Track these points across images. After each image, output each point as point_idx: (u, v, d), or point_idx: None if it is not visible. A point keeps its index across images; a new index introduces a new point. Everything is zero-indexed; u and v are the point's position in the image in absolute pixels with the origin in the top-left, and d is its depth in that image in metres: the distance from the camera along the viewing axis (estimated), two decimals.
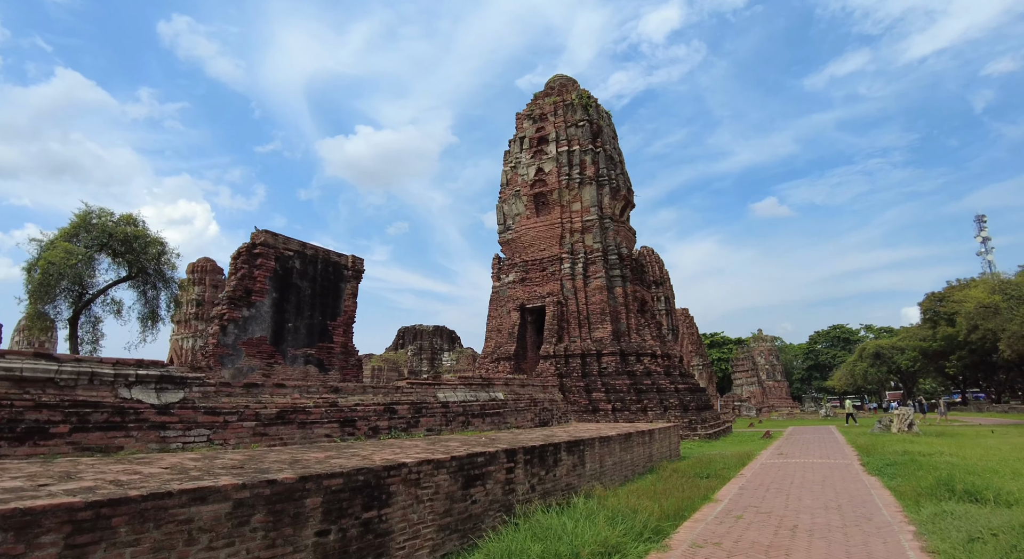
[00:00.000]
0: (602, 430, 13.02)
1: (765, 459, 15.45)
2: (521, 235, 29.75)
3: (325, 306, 17.84)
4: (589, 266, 27.67)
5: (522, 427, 13.96)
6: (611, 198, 29.43)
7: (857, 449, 17.08)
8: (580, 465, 9.92)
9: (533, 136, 31.04)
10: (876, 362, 71.09)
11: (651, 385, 24.53)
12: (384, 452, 7.30)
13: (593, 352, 25.51)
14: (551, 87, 33.13)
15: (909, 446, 17.49)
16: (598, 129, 31.01)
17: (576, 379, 24.61)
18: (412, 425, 10.88)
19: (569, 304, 26.98)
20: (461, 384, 12.78)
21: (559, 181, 29.08)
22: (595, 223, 28.31)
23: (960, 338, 57.76)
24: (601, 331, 26.27)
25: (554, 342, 25.90)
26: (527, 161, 30.50)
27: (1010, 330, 32.55)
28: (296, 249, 16.88)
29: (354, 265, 19.44)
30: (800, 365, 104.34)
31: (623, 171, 31.73)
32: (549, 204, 29.48)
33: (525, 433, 11.95)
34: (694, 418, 23.80)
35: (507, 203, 30.76)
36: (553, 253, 28.33)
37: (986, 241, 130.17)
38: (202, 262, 55.51)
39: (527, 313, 28.50)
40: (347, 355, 18.83)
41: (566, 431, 12.61)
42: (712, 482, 11.25)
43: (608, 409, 23.42)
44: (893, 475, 11.12)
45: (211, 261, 55.68)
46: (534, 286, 28.24)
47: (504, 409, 13.53)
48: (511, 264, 29.59)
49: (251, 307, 15.44)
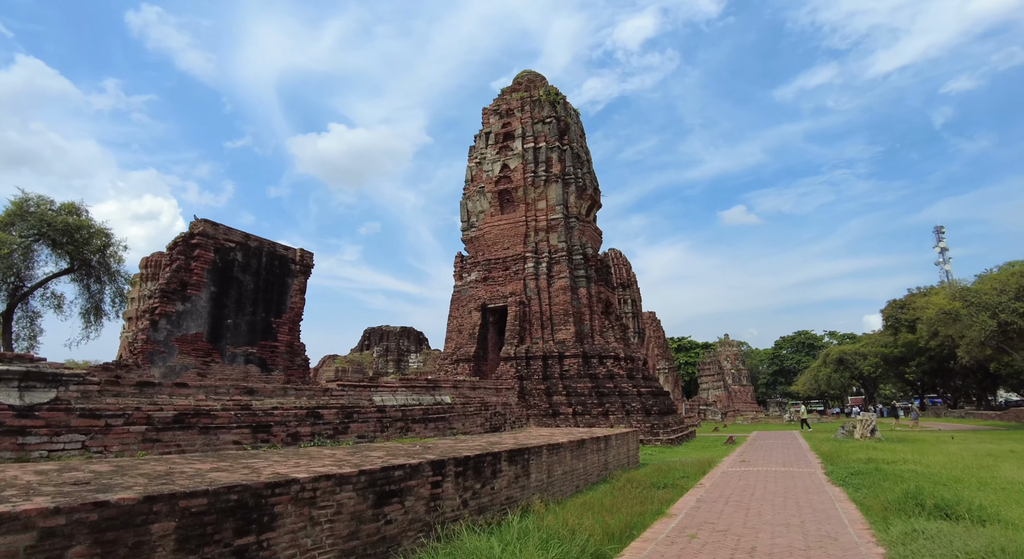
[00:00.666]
0: (554, 436, 12.16)
1: (726, 467, 14.78)
2: (485, 233, 28.82)
3: (269, 302, 16.69)
4: (553, 266, 26.88)
5: (471, 433, 13.02)
6: (577, 197, 28.71)
7: (821, 456, 16.57)
8: (524, 476, 9.01)
9: (499, 132, 30.18)
10: (839, 367, 72.01)
11: (613, 388, 23.81)
12: (287, 463, 6.28)
13: (555, 354, 24.70)
14: (519, 82, 32.33)
15: (873, 453, 17.04)
16: (565, 126, 30.30)
17: (537, 382, 23.76)
18: (340, 432, 9.85)
19: (532, 304, 26.14)
20: (402, 387, 11.78)
21: (525, 178, 28.26)
22: (560, 222, 27.54)
23: (921, 345, 58.78)
24: (564, 333, 25.49)
25: (515, 343, 25.02)
26: (492, 157, 29.61)
27: (969, 336, 32.81)
28: (238, 240, 15.72)
29: (302, 259, 18.31)
30: (766, 370, 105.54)
31: (590, 170, 31.07)
32: (514, 202, 28.63)
33: (471, 440, 11.02)
34: (656, 422, 23.16)
35: (471, 200, 29.81)
36: (517, 252, 27.47)
37: (944, 252, 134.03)
38: (156, 256, 53.06)
39: (489, 313, 27.56)
40: (293, 355, 17.66)
41: (515, 438, 11.72)
42: (668, 493, 10.46)
43: (569, 413, 22.61)
44: (858, 486, 10.48)
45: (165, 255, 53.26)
46: (497, 285, 27.33)
47: (450, 414, 12.56)
48: (474, 263, 28.65)
49: (186, 301, 14.20)
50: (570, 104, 32.24)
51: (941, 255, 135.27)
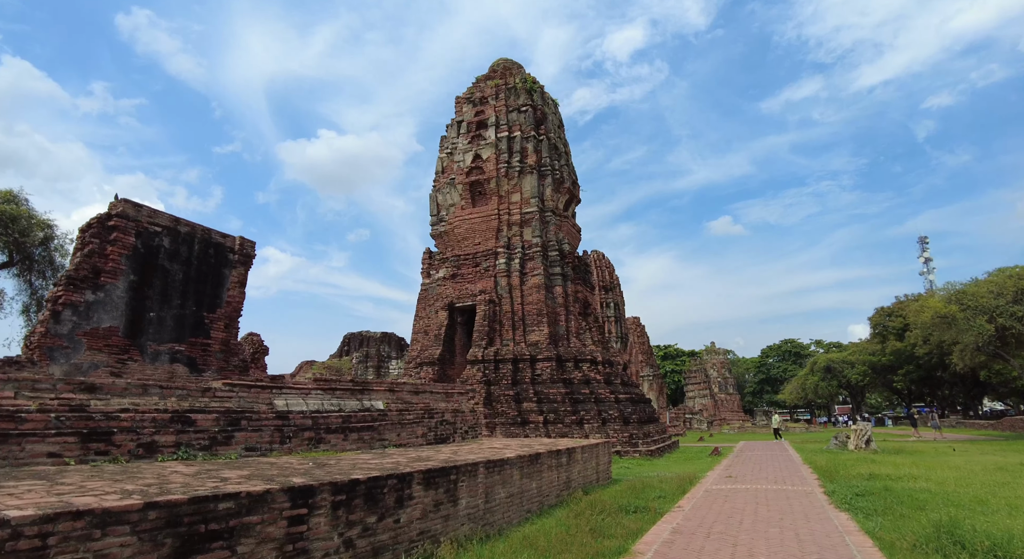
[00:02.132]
0: (507, 449, 10.15)
1: (711, 484, 12.85)
2: (455, 227, 26.84)
3: (202, 295, 14.59)
4: (527, 262, 24.94)
5: (407, 445, 10.97)
6: (554, 190, 26.84)
7: (816, 471, 14.69)
8: (449, 502, 7.00)
9: (472, 120, 28.29)
10: (827, 376, 70.67)
11: (589, 395, 21.84)
12: (42, 490, 4.23)
13: (527, 357, 22.69)
14: (494, 70, 30.50)
15: (874, 467, 15.21)
16: (542, 116, 28.48)
17: (505, 387, 21.72)
18: (220, 442, 7.79)
19: (503, 303, 24.15)
20: (317, 389, 9.73)
21: (498, 169, 26.35)
22: (535, 216, 25.64)
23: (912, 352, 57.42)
24: (537, 334, 23.51)
25: (483, 345, 22.98)
26: (464, 147, 27.69)
27: (964, 342, 31.26)
28: (166, 225, 13.66)
29: (242, 248, 16.24)
30: (752, 378, 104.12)
31: (569, 163, 29.24)
32: (486, 194, 26.70)
33: (400, 454, 8.98)
34: (636, 432, 21.20)
35: (441, 192, 27.84)
36: (488, 247, 25.50)
37: (928, 262, 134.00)
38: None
39: (457, 313, 25.52)
40: (229, 354, 15.53)
41: (457, 450, 9.71)
42: (638, 521, 8.49)
43: (539, 421, 20.59)
44: (869, 511, 8.57)
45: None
46: (466, 283, 25.32)
47: (382, 422, 10.52)
48: (442, 259, 26.64)
49: (99, 290, 12.09)
50: (548, 94, 30.45)
51: (925, 265, 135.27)
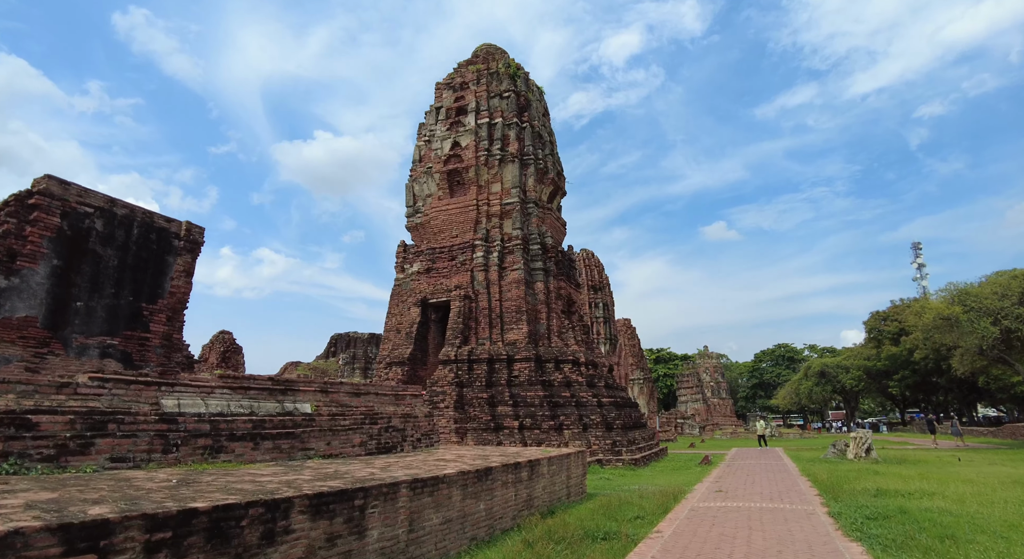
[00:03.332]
0: (449, 464, 8.55)
1: (697, 500, 11.27)
2: (431, 218, 25.23)
3: (140, 284, 12.90)
4: (506, 256, 23.34)
5: (341, 455, 9.33)
6: (537, 180, 25.28)
7: (816, 485, 13.13)
8: (353, 535, 5.38)
9: (451, 106, 26.70)
10: (821, 381, 69.37)
11: (570, 398, 20.24)
12: None
13: (503, 357, 21.07)
14: (476, 55, 28.94)
15: (879, 481, 13.67)
16: (526, 102, 26.94)
17: (479, 389, 20.09)
18: (74, 452, 6.14)
19: (480, 300, 22.53)
20: (222, 387, 8.11)
21: (477, 157, 24.77)
22: (516, 207, 24.06)
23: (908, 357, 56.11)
24: (515, 333, 21.90)
25: (457, 344, 21.34)
26: (442, 134, 26.10)
27: (966, 344, 29.85)
28: (99, 205, 11.97)
29: (189, 234, 14.55)
30: (745, 383, 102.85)
31: (554, 152, 27.70)
32: (465, 184, 25.10)
33: (319, 467, 7.36)
34: (619, 439, 19.60)
35: (417, 182, 26.23)
36: (466, 240, 23.90)
37: (921, 267, 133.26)
38: None
39: (430, 310, 23.88)
40: (171, 349, 13.81)
41: (395, 462, 8.10)
42: (604, 553, 6.89)
43: (515, 427, 18.97)
44: (887, 543, 7.00)
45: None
46: (441, 278, 23.69)
47: (307, 428, 8.88)
48: (416, 252, 25.01)
49: (14, 276, 10.36)
50: (533, 81, 28.92)
51: (919, 271, 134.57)
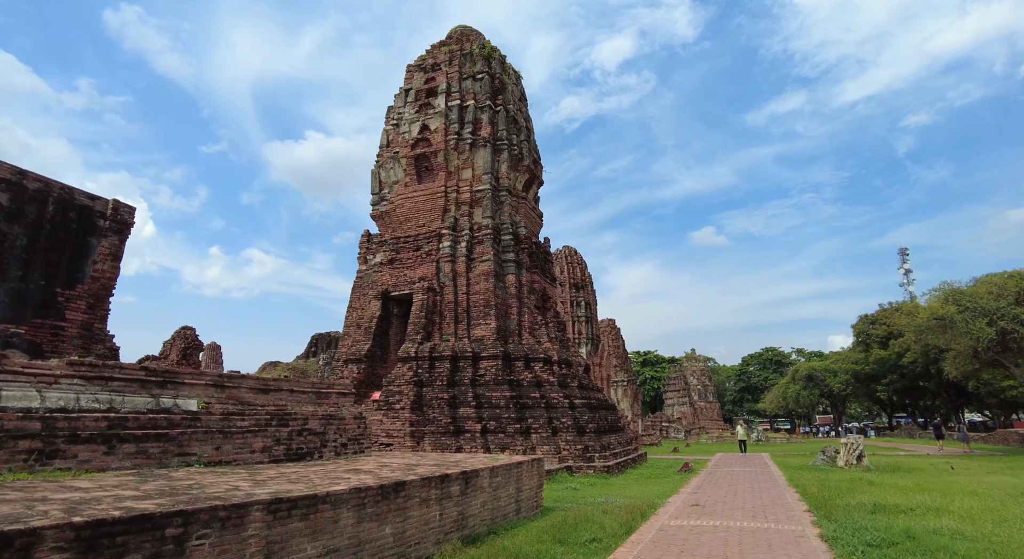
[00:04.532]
0: (355, 476, 6.91)
1: (669, 517, 9.69)
2: (396, 206, 23.56)
3: (55, 267, 11.25)
4: (475, 246, 21.73)
5: (235, 462, 7.66)
6: (511, 167, 23.70)
7: (806, 498, 11.60)
8: None
9: (421, 88, 25.08)
10: (809, 384, 68.25)
11: (539, 399, 18.63)
12: None
13: (469, 354, 19.43)
14: (450, 37, 27.35)
15: (876, 493, 12.18)
16: (501, 85, 25.38)
17: (439, 389, 18.42)
18: None
19: (446, 293, 20.88)
20: (70, 376, 6.41)
21: (447, 141, 23.15)
22: (488, 194, 22.46)
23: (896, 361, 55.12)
24: (483, 328, 20.27)
25: (418, 341, 19.68)
26: (411, 116, 24.47)
27: (960, 346, 28.57)
28: (4, 177, 10.34)
29: (116, 214, 12.87)
30: (732, 387, 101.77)
31: (530, 140, 26.16)
32: (433, 170, 23.48)
33: (188, 477, 5.70)
34: (592, 444, 18.01)
35: (384, 168, 24.58)
36: (432, 229, 22.26)
37: (908, 273, 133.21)
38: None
39: (393, 303, 22.20)
40: (92, 341, 12.09)
41: (285, 472, 6.46)
42: None
43: (477, 430, 17.31)
44: None
45: None
46: (404, 269, 22.02)
47: (190, 429, 7.20)
48: (380, 242, 23.33)
49: None
50: (510, 65, 27.39)
51: (905, 276, 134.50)
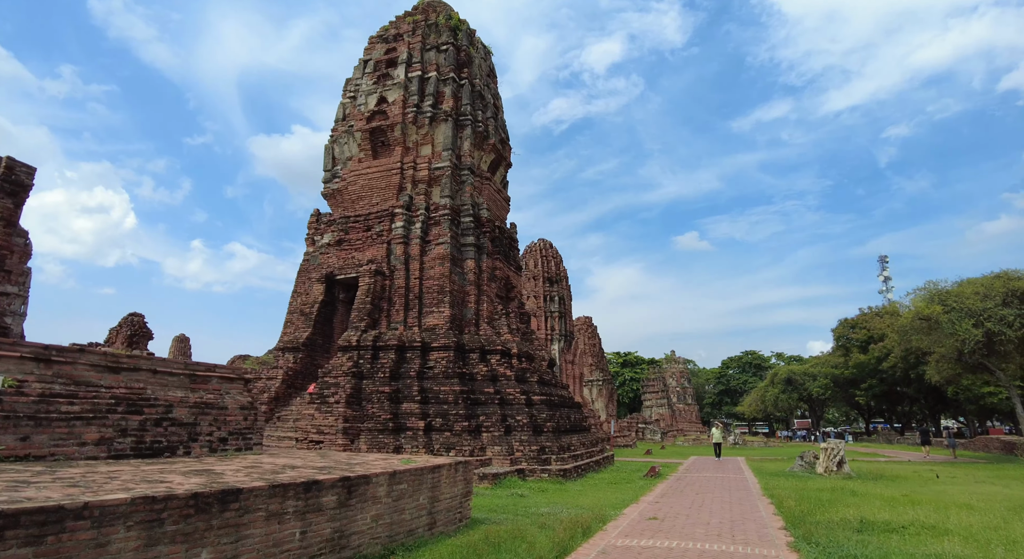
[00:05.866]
0: (208, 476, 5.08)
1: (618, 535, 7.99)
2: (349, 183, 21.67)
3: None
4: (431, 227, 19.91)
5: (54, 456, 5.77)
6: (475, 145, 21.93)
7: (782, 512, 9.97)
8: None
9: (381, 58, 23.21)
10: (788, 388, 67.32)
11: (493, 395, 16.86)
12: None
13: (418, 344, 17.61)
14: (416, 7, 25.50)
15: (862, 506, 10.59)
16: (467, 58, 23.59)
17: (381, 382, 16.56)
18: None
19: (396, 277, 19.04)
20: None
21: (405, 114, 21.30)
22: (447, 172, 20.65)
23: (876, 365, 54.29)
24: (436, 317, 18.46)
25: (362, 328, 17.81)
26: (368, 88, 22.58)
27: (945, 348, 27.33)
28: None
29: (10, 174, 11.07)
30: (711, 389, 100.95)
31: (498, 118, 24.39)
32: (390, 144, 21.62)
33: None
34: (550, 445, 16.28)
35: (338, 143, 22.67)
36: (384, 208, 20.41)
37: (887, 280, 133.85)
38: None
39: (339, 288, 20.30)
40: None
41: (109, 473, 4.65)
42: None
43: (419, 428, 15.49)
44: None
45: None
46: (353, 251, 20.14)
47: None
48: (329, 221, 21.41)
49: None
50: (479, 39, 25.59)
51: (885, 284, 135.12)
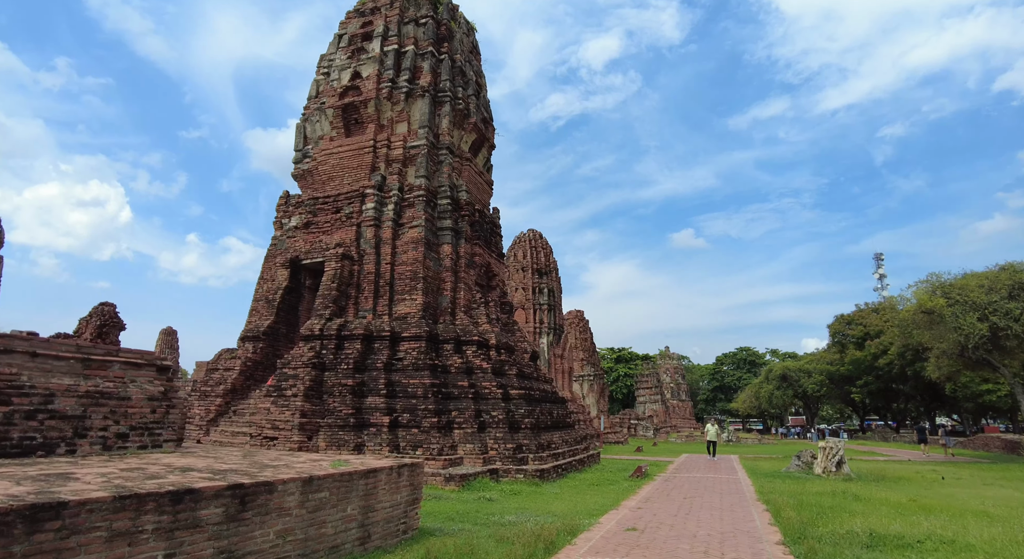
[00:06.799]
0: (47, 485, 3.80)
1: (585, 553, 6.76)
2: (320, 163, 20.32)
3: None
4: (405, 209, 18.59)
5: None
6: (454, 123, 20.60)
7: (779, 522, 8.75)
8: None
9: (356, 32, 21.83)
10: (782, 384, 66.37)
11: (467, 389, 15.59)
12: None
13: (386, 334, 16.32)
14: None
15: (869, 515, 9.38)
16: (448, 33, 22.23)
17: (344, 374, 15.26)
18: None
19: (366, 262, 17.73)
20: None
21: (379, 89, 19.95)
22: (423, 151, 19.33)
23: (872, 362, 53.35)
24: (408, 304, 17.17)
25: (327, 316, 16.50)
26: (342, 63, 21.22)
27: (947, 344, 26.20)
28: None
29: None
30: (706, 386, 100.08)
31: (480, 96, 23.05)
32: (363, 122, 20.28)
33: None
34: (528, 442, 15.04)
35: (309, 121, 21.30)
36: (355, 189, 19.08)
37: (882, 278, 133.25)
38: None
39: (306, 274, 18.99)
40: None
41: None
42: None
43: (384, 424, 14.20)
44: None
45: None
46: (321, 234, 18.81)
47: None
48: (298, 203, 20.08)
49: None
50: (463, 15, 24.22)
51: (880, 281, 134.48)
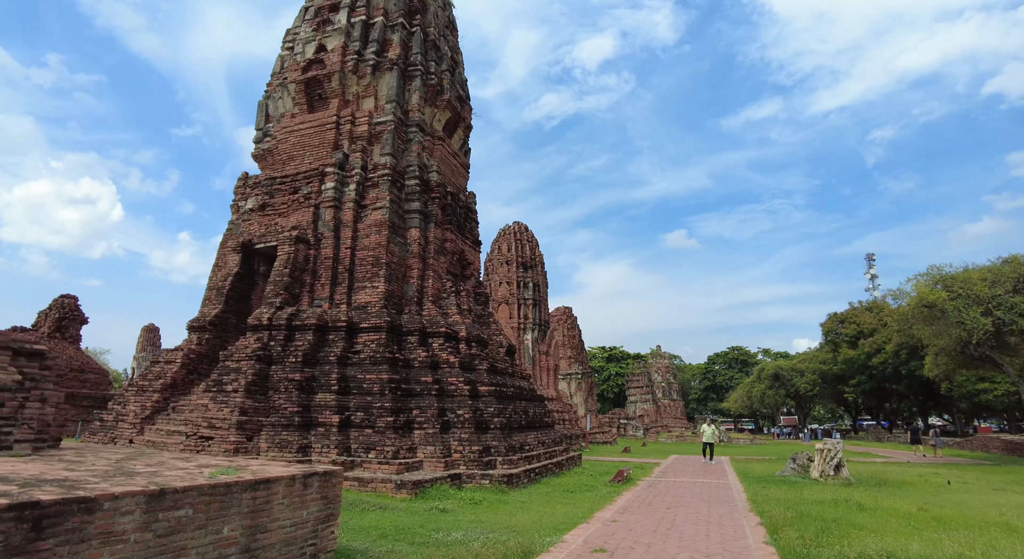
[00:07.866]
0: None
1: None
2: (280, 142, 18.80)
3: None
4: (369, 190, 17.11)
5: None
6: (425, 99, 19.14)
7: (776, 542, 7.35)
8: None
9: (323, 4, 20.31)
10: (775, 384, 65.26)
11: (430, 385, 14.13)
12: None
13: (342, 324, 14.83)
14: None
15: (878, 530, 7.99)
16: (422, 5, 20.76)
17: (292, 368, 13.76)
18: None
19: (324, 246, 16.22)
20: None
21: (344, 62, 18.45)
22: (390, 127, 17.85)
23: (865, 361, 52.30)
24: (369, 292, 15.68)
25: (277, 305, 14.99)
26: (307, 36, 19.69)
27: (945, 341, 24.97)
28: None
29: None
30: (697, 385, 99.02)
31: (455, 73, 21.56)
32: (327, 97, 18.77)
33: None
34: (497, 444, 13.60)
35: (272, 99, 19.77)
36: (315, 167, 17.57)
37: (874, 278, 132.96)
38: None
39: (258, 259, 17.46)
40: None
41: None
42: None
43: (333, 424, 12.72)
44: None
45: None
46: (277, 216, 17.30)
47: None
48: (255, 184, 18.55)
49: None
50: None
51: (871, 282, 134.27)
